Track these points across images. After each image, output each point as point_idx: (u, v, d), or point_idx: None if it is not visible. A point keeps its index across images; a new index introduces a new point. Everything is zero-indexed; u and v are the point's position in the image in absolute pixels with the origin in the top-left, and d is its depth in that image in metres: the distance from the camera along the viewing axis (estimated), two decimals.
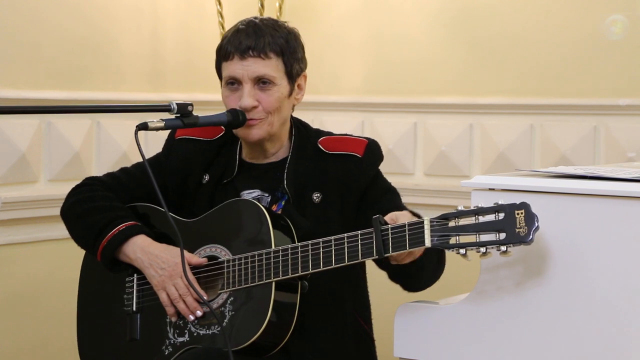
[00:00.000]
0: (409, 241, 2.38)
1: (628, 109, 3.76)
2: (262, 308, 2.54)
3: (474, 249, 2.32)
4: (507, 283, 2.45)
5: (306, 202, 2.70)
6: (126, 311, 2.77)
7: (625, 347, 2.33)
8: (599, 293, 2.35)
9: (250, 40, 2.68)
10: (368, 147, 2.75)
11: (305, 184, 2.72)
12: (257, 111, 2.69)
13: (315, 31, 4.30)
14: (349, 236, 2.47)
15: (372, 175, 2.73)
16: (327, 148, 2.76)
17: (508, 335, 2.44)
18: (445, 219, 2.36)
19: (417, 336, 2.55)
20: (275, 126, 2.72)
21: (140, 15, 4.05)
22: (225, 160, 2.81)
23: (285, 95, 2.72)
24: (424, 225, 2.36)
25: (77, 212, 2.81)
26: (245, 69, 2.68)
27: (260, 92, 2.69)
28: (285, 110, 2.74)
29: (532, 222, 2.28)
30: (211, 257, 2.68)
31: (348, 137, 2.80)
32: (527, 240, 2.28)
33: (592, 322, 2.36)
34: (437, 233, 2.35)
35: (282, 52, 2.70)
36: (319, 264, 2.50)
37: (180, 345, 2.66)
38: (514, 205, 2.30)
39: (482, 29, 4.04)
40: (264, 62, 2.68)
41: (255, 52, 2.68)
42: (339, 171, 2.71)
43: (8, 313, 3.71)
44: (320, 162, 2.74)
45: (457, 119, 4.10)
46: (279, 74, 2.70)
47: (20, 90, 3.67)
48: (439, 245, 2.35)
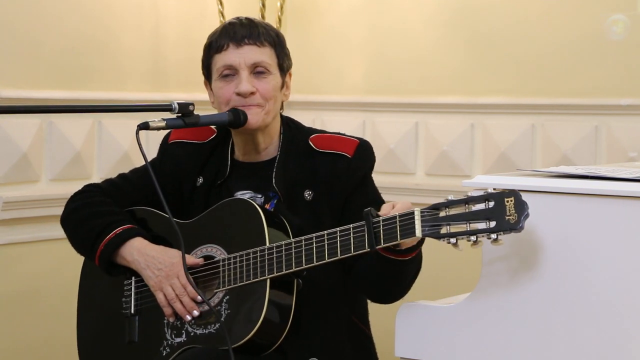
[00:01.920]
0: (400, 232, 2.38)
1: (629, 108, 3.76)
2: (257, 306, 2.55)
3: (465, 238, 2.32)
4: (508, 283, 2.45)
5: (298, 200, 2.70)
6: (124, 314, 2.77)
7: (626, 347, 2.32)
8: (599, 292, 2.35)
9: (244, 30, 2.71)
10: (359, 148, 2.74)
11: (295, 182, 2.72)
12: (254, 98, 2.70)
13: (317, 31, 4.30)
14: (341, 230, 2.48)
15: (360, 176, 2.72)
16: (317, 146, 2.75)
17: (509, 335, 2.44)
18: (435, 209, 2.36)
19: (418, 336, 2.55)
20: (270, 116, 2.72)
21: (141, 15, 4.05)
22: (217, 161, 2.81)
23: (279, 86, 2.74)
24: (414, 215, 2.36)
25: (75, 220, 2.82)
26: (242, 56, 2.69)
27: (257, 80, 2.70)
28: (278, 102, 2.76)
29: (522, 209, 2.28)
30: (207, 256, 2.69)
31: (340, 136, 2.78)
32: (517, 228, 2.27)
33: (591, 321, 2.36)
34: (428, 223, 2.35)
35: (274, 43, 2.73)
36: (312, 259, 2.50)
37: (178, 346, 2.66)
38: (503, 194, 2.30)
39: (484, 29, 4.04)
40: (260, 49, 2.70)
41: (251, 40, 2.70)
42: (327, 170, 2.71)
43: (9, 312, 3.71)
44: (310, 160, 2.73)
45: (458, 119, 4.10)
46: (273, 63, 2.73)
47: (21, 90, 3.67)
48: (429, 235, 2.35)
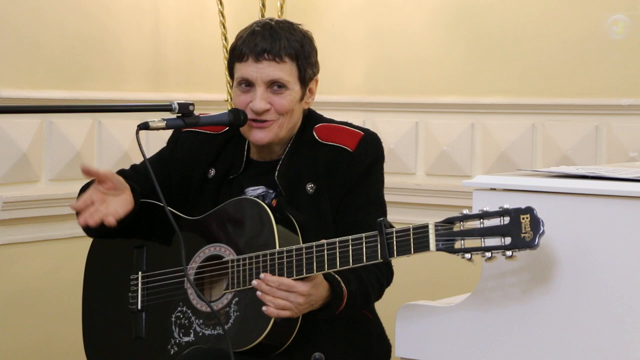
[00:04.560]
0: (413, 245, 2.36)
1: (630, 108, 3.76)
2: None
3: (480, 253, 2.31)
4: (508, 283, 2.44)
5: (300, 194, 2.68)
6: (131, 309, 2.77)
7: (625, 347, 2.32)
8: (599, 292, 2.35)
9: (266, 43, 2.66)
10: (362, 142, 2.71)
11: (299, 175, 2.70)
12: (268, 113, 2.68)
13: (317, 31, 4.28)
14: (353, 239, 2.45)
15: (360, 172, 2.69)
16: (320, 137, 2.73)
17: (509, 334, 2.44)
18: (450, 223, 2.33)
19: (419, 336, 2.55)
20: (285, 129, 2.70)
21: (141, 15, 4.05)
22: (232, 155, 2.80)
23: (298, 99, 2.71)
24: (428, 229, 2.34)
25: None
26: (259, 71, 2.67)
27: (273, 95, 2.68)
28: (296, 114, 2.73)
29: (538, 226, 2.26)
30: (215, 256, 2.67)
31: (344, 128, 2.75)
32: (532, 245, 2.26)
33: (590, 320, 2.36)
34: (442, 238, 2.33)
35: (296, 56, 2.68)
36: (324, 266, 2.47)
37: (186, 345, 2.65)
38: (519, 210, 2.28)
39: (484, 29, 4.04)
40: (279, 65, 2.67)
41: (271, 56, 2.66)
42: (327, 162, 2.69)
43: (9, 313, 3.71)
44: (313, 152, 2.72)
45: (458, 119, 4.09)
46: (292, 78, 2.69)
47: (21, 90, 3.67)
48: (444, 250, 2.33)
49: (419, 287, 3.85)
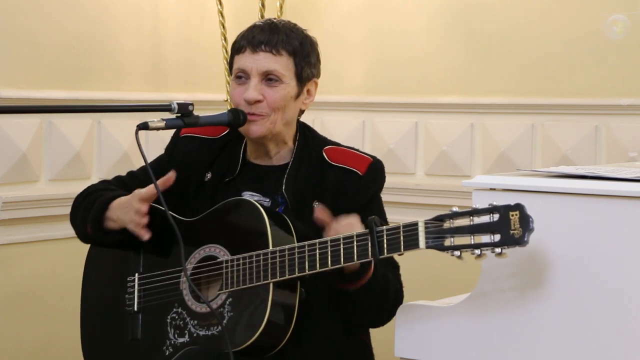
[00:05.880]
0: (403, 243, 2.38)
1: (629, 108, 3.76)
2: (260, 309, 2.54)
3: (469, 250, 2.31)
4: (507, 283, 2.45)
5: (306, 209, 2.69)
6: (128, 311, 2.77)
7: (626, 347, 2.32)
8: (598, 292, 2.35)
9: (264, 35, 2.68)
10: (371, 167, 2.73)
11: (305, 190, 2.71)
12: (260, 106, 2.68)
13: (316, 31, 4.28)
14: (344, 237, 2.46)
15: (368, 196, 2.72)
16: (330, 158, 2.75)
17: (508, 334, 2.44)
18: (439, 220, 2.35)
19: (418, 336, 2.55)
20: (278, 125, 2.71)
21: (141, 15, 4.05)
22: (228, 158, 2.81)
23: (292, 96, 2.71)
24: (418, 227, 2.36)
25: (75, 210, 2.87)
26: (255, 62, 2.68)
27: (267, 88, 2.69)
28: (291, 111, 2.73)
29: (527, 223, 2.26)
30: (210, 257, 2.68)
31: (354, 152, 2.78)
32: (521, 242, 2.26)
33: (589, 320, 2.36)
34: (432, 235, 2.34)
35: (294, 52, 2.70)
36: (315, 265, 2.49)
37: (181, 346, 2.66)
38: (508, 207, 2.28)
39: (484, 29, 4.04)
40: (275, 58, 2.68)
41: (268, 47, 2.68)
42: (337, 183, 2.71)
43: (9, 313, 3.71)
44: (322, 171, 2.73)
45: (458, 119, 4.09)
46: (288, 72, 2.70)
47: (21, 90, 3.67)
48: (433, 247, 2.34)
49: (418, 287, 3.84)
